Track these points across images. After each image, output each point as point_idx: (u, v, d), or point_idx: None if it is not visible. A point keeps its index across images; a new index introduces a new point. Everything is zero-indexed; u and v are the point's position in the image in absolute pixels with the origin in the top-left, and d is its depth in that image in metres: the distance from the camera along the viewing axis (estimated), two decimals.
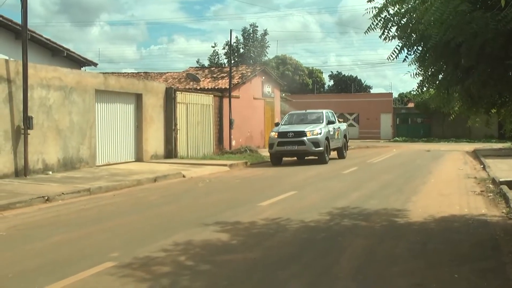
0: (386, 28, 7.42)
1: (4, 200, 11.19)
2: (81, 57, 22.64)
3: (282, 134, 21.63)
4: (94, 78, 18.39)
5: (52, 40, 20.81)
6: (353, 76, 75.09)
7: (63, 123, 16.55)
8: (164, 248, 7.11)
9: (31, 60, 15.46)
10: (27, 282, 5.82)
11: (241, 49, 58.99)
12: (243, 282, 5.77)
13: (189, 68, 37.94)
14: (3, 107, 14.39)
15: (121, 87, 19.59)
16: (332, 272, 6.10)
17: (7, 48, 18.52)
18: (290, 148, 21.30)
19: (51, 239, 8.01)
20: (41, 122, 15.66)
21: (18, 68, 14.82)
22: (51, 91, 16.14)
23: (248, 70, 34.09)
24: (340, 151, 24.58)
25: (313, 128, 21.60)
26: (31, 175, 14.99)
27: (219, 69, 35.74)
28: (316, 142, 21.17)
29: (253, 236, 7.98)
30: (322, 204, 10.89)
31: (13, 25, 18.58)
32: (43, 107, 15.78)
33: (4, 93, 14.43)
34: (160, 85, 22.89)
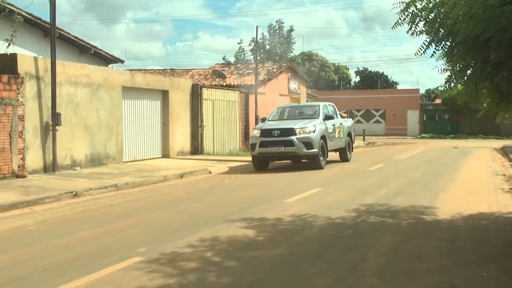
0: (414, 23, 7.34)
1: (33, 195, 11.36)
2: (108, 54, 22.83)
3: (266, 133, 17.67)
4: (121, 75, 18.53)
5: (79, 37, 21.04)
6: (380, 72, 74.60)
7: (91, 120, 16.72)
8: (191, 244, 7.15)
9: (59, 58, 15.66)
10: (56, 275, 5.89)
11: (267, 46, 58.99)
12: (269, 278, 5.77)
13: (215, 64, 38.02)
14: (32, 104, 14.58)
15: (148, 83, 19.72)
16: (358, 269, 6.07)
17: (36, 46, 18.76)
18: (275, 150, 17.28)
19: (79, 234, 8.11)
20: (69, 118, 15.85)
21: (46, 66, 15.01)
22: (79, 88, 16.32)
23: (274, 67, 34.06)
24: (342, 152, 20.85)
25: (304, 125, 17.80)
26: (59, 170, 15.18)
27: (245, 66, 35.75)
28: (308, 142, 17.35)
29: (279, 232, 7.97)
30: (348, 200, 10.84)
31: (42, 23, 18.82)
32: (71, 103, 15.96)
33: (33, 90, 14.63)
34: (187, 81, 22.99)
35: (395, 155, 24.72)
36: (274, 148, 17.30)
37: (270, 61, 42.67)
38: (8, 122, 13.71)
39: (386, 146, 34.02)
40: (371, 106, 55.30)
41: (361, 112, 56.16)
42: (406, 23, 7.37)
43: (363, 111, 56.10)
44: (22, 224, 9.06)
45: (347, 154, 20.99)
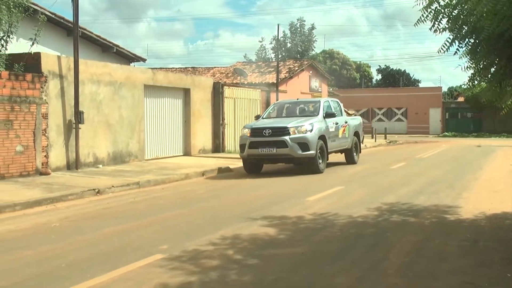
0: (437, 20, 7.29)
1: (56, 192, 11.48)
2: (130, 53, 23.00)
3: (256, 132, 15.80)
4: (142, 73, 18.64)
5: (102, 36, 21.23)
6: (401, 70, 74.09)
7: (113, 118, 16.85)
8: (212, 241, 7.17)
9: (82, 56, 15.79)
10: (79, 272, 5.95)
11: (288, 44, 58.88)
12: (291, 276, 5.76)
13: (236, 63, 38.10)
14: (55, 102, 14.73)
15: (169, 82, 19.81)
16: (380, 268, 6.04)
17: (59, 45, 18.96)
18: (266, 152, 15.42)
19: (102, 231, 8.18)
20: (92, 116, 15.98)
21: (69, 64, 15.15)
22: (101, 86, 16.44)
23: (295, 65, 34.03)
24: (348, 154, 18.88)
25: (300, 123, 15.79)
26: (82, 168, 15.32)
27: (266, 64, 35.78)
28: (304, 143, 15.38)
29: (301, 230, 7.96)
30: (370, 199, 10.79)
31: (65, 22, 19.02)
32: (93, 102, 16.09)
33: (56, 89, 14.78)
34: (208, 80, 23.05)
35: (417, 154, 24.54)
36: (265, 149, 15.43)
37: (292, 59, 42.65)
38: (32, 120, 13.86)
39: (408, 145, 33.78)
40: (393, 104, 54.94)
41: (383, 110, 55.83)
42: (429, 20, 7.32)
43: (385, 109, 55.77)
44: (46, 220, 9.16)
45: (354, 156, 18.98)
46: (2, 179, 12.93)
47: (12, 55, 14.01)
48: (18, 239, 7.79)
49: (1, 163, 13.04)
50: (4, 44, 13.87)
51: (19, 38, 14.61)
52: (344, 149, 18.50)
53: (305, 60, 40.12)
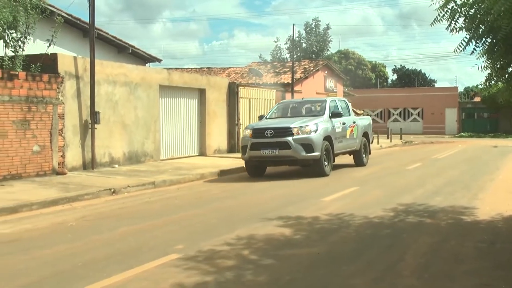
0: (453, 20, 7.24)
1: (73, 191, 11.57)
2: (145, 53, 23.11)
3: (258, 133, 15.11)
4: (158, 74, 18.71)
5: (117, 37, 21.35)
6: (417, 70, 73.69)
7: (129, 118, 16.93)
8: (228, 241, 7.18)
9: (98, 57, 15.90)
10: (95, 270, 5.99)
11: (304, 44, 58.80)
12: (307, 277, 5.76)
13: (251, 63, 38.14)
14: (71, 103, 14.83)
15: (185, 82, 19.86)
16: (396, 269, 6.01)
17: (75, 45, 19.10)
18: (269, 153, 14.71)
19: (118, 230, 8.23)
20: (108, 117, 16.07)
21: (85, 65, 15.25)
22: (117, 86, 16.53)
23: (310, 65, 33.99)
24: (357, 155, 18.10)
25: (303, 124, 15.10)
26: (98, 168, 15.41)
27: (281, 64, 35.78)
28: (308, 144, 14.68)
29: (316, 231, 7.95)
30: (386, 200, 10.74)
31: (81, 23, 19.16)
32: (109, 102, 16.18)
33: (72, 89, 14.88)
34: (223, 80, 23.09)
35: (433, 154, 24.39)
36: (267, 151, 14.70)
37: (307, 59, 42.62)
38: (48, 120, 13.97)
39: (423, 145, 33.59)
40: (409, 104, 54.64)
41: (398, 110, 55.56)
42: (445, 19, 7.28)
43: (400, 110, 55.49)
44: (63, 220, 9.24)
45: (363, 157, 18.22)
46: (20, 179, 13.05)
47: (29, 56, 14.14)
48: (36, 238, 7.86)
49: (18, 162, 13.16)
50: (21, 45, 14.01)
51: (36, 39, 14.76)
52: (352, 150, 17.82)
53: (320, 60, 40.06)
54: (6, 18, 13.33)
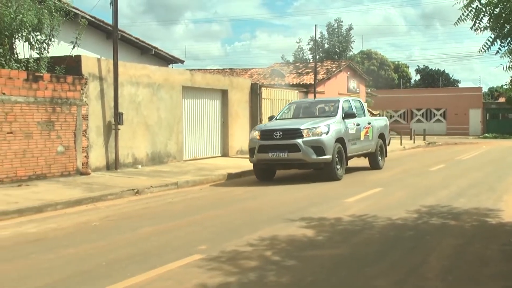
0: (477, 19, 7.17)
1: (97, 192, 11.67)
2: (168, 54, 23.23)
3: (266, 134, 14.45)
4: (181, 75, 18.79)
5: (140, 39, 21.51)
6: (440, 70, 73.06)
7: (152, 119, 17.03)
8: (250, 242, 7.19)
9: (121, 59, 16.02)
10: (119, 270, 6.04)
11: (326, 44, 58.60)
12: (330, 278, 5.74)
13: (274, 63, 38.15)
14: (95, 104, 14.97)
15: (207, 83, 19.93)
16: (420, 271, 5.96)
17: (99, 47, 19.27)
18: (277, 156, 14.04)
19: (141, 230, 8.28)
20: (131, 118, 16.19)
21: (109, 67, 15.38)
22: (140, 88, 16.64)
23: (333, 66, 33.90)
24: (372, 158, 17.42)
25: (314, 125, 14.37)
26: (121, 168, 15.53)
27: (304, 65, 35.73)
28: (319, 147, 13.97)
29: (339, 232, 7.92)
30: (409, 201, 10.67)
31: (104, 25, 19.34)
32: (132, 103, 16.29)
33: (96, 91, 15.01)
34: (246, 81, 23.13)
35: (457, 155, 24.16)
36: (276, 153, 14.06)
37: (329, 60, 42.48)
38: (72, 122, 14.12)
39: (447, 146, 33.29)
40: (432, 105, 54.23)
41: (422, 111, 55.17)
42: (470, 19, 7.21)
43: (424, 110, 55.09)
44: (87, 219, 9.33)
45: (378, 160, 17.53)
46: (44, 179, 13.20)
47: (54, 58, 14.29)
48: (60, 238, 7.95)
49: (43, 163, 13.32)
50: (46, 47, 14.17)
51: (60, 41, 14.92)
52: (368, 153, 17.15)
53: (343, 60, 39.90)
54: (31, 20, 13.50)
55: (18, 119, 12.74)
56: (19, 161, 12.75)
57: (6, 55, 13.28)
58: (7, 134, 12.49)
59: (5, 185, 12.21)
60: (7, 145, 12.47)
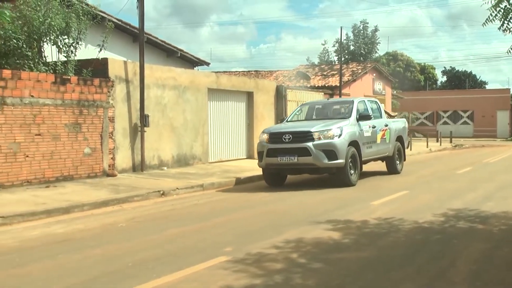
0: (506, 19, 7.08)
1: (123, 193, 11.77)
2: (194, 57, 23.35)
3: (274, 137, 13.75)
4: (206, 77, 18.87)
5: (166, 41, 21.65)
6: (467, 71, 72.24)
7: (177, 121, 17.12)
8: (276, 245, 7.18)
9: (147, 61, 16.15)
10: (145, 271, 6.09)
11: (351, 46, 58.38)
12: (356, 281, 5.71)
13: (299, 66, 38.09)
14: (121, 106, 15.10)
15: (233, 85, 19.98)
16: (447, 276, 5.89)
17: (125, 50, 19.45)
18: (286, 161, 13.34)
19: (167, 232, 8.33)
20: (157, 120, 16.29)
21: (135, 69, 15.51)
22: (166, 90, 16.75)
23: (358, 68, 33.77)
24: (390, 162, 16.56)
25: (326, 127, 13.63)
26: (147, 170, 15.64)
27: (329, 67, 35.65)
28: (331, 151, 13.24)
29: (365, 235, 7.88)
30: (436, 204, 10.56)
31: (131, 28, 19.51)
32: (158, 105, 16.40)
33: (122, 93, 15.15)
34: (271, 83, 23.14)
35: (484, 158, 23.87)
36: (285, 158, 13.33)
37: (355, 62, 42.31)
38: (99, 124, 14.26)
39: (474, 149, 32.91)
40: (459, 107, 53.67)
41: (448, 113, 54.64)
42: (498, 19, 7.13)
43: (450, 112, 54.55)
44: (113, 221, 9.42)
45: (396, 164, 16.65)
46: (71, 180, 13.35)
47: (81, 61, 14.45)
48: (87, 238, 8.04)
49: (70, 164, 13.47)
50: (74, 50, 14.33)
51: (87, 45, 15.09)
52: (384, 156, 16.26)
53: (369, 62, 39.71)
54: (59, 24, 13.69)
55: (46, 121, 12.91)
56: (47, 162, 12.92)
57: (34, 59, 13.48)
58: (36, 136, 12.66)
59: (33, 186, 12.39)
60: (35, 147, 12.64)
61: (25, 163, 12.42)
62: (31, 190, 11.84)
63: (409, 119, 54.85)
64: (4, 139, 11.99)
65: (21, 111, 12.36)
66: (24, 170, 12.39)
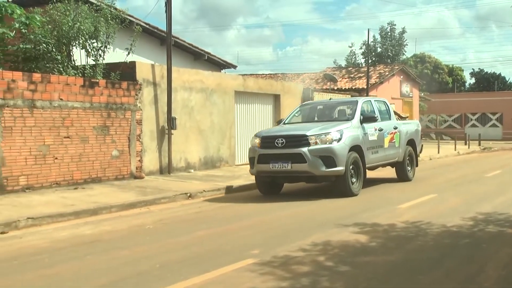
0: None
1: (150, 195, 11.86)
2: (221, 60, 23.44)
3: (267, 142, 12.41)
4: (233, 80, 18.93)
5: (193, 44, 21.78)
6: (496, 73, 71.24)
7: (204, 124, 17.20)
8: (303, 247, 7.16)
9: (174, 64, 16.25)
10: (173, 272, 6.12)
11: (379, 48, 58.05)
12: (383, 285, 5.67)
13: (326, 68, 38.01)
14: (149, 109, 15.22)
15: (260, 88, 20.00)
16: (476, 281, 5.81)
17: (153, 53, 19.61)
18: (279, 168, 11.97)
19: (194, 234, 8.37)
20: (184, 122, 16.39)
21: (163, 72, 15.62)
22: (193, 93, 16.84)
23: (386, 70, 33.57)
24: (400, 168, 15.12)
25: (324, 130, 12.20)
26: (174, 172, 15.73)
27: (356, 69, 35.51)
28: (329, 157, 11.86)
29: (393, 238, 7.82)
30: (464, 208, 10.43)
31: (158, 32, 19.68)
32: (185, 108, 16.50)
33: (150, 96, 15.27)
34: (298, 85, 23.12)
35: None
36: (278, 164, 11.96)
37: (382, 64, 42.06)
38: (127, 126, 14.39)
39: (503, 152, 32.44)
40: (487, 109, 52.96)
41: (477, 115, 53.97)
42: None
43: (479, 115, 53.87)
44: (141, 222, 9.49)
45: (407, 170, 15.21)
46: (99, 182, 13.49)
47: (109, 64, 14.62)
48: (115, 240, 8.12)
49: (98, 167, 13.61)
50: (102, 54, 14.51)
51: (115, 48, 15.28)
52: (393, 162, 14.85)
53: (396, 64, 39.42)
54: (88, 28, 13.87)
55: (75, 124, 13.07)
56: (76, 164, 13.07)
57: (63, 62, 13.67)
58: (64, 138, 12.83)
59: (62, 187, 12.55)
60: (64, 149, 12.81)
61: (54, 165, 12.59)
62: (60, 192, 12.00)
63: (437, 121, 54.33)
64: (34, 141, 12.17)
65: (50, 114, 12.53)
66: (53, 172, 12.56)
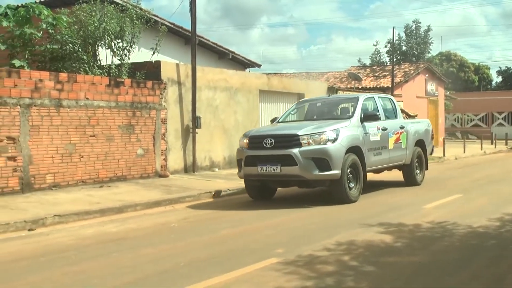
0: None
1: (175, 194, 11.92)
2: (245, 59, 23.46)
3: (255, 142, 11.27)
4: (257, 79, 18.94)
5: (218, 43, 21.82)
6: None
7: (229, 123, 17.24)
8: (327, 247, 7.14)
9: (199, 63, 16.31)
10: (197, 271, 6.15)
11: (404, 47, 57.63)
12: (408, 285, 5.63)
13: (350, 67, 37.84)
14: (174, 108, 15.30)
15: (284, 87, 19.98)
16: (504, 283, 5.74)
17: (177, 53, 19.69)
18: (267, 171, 10.85)
19: (219, 233, 8.40)
20: (208, 121, 16.44)
21: (187, 71, 15.69)
22: (217, 92, 16.88)
23: (411, 68, 33.29)
24: (407, 170, 13.87)
25: (318, 129, 11.03)
26: (198, 171, 15.80)
27: (381, 68, 35.27)
28: (322, 159, 10.68)
29: (418, 239, 7.75)
30: (491, 208, 10.30)
31: (183, 31, 19.75)
32: (210, 107, 16.55)
33: (175, 95, 15.34)
34: (322, 84, 23.05)
35: None
36: (266, 167, 10.83)
37: (407, 62, 41.74)
38: (152, 125, 14.48)
39: None
40: None
41: (504, 114, 53.20)
42: None
43: (506, 114, 53.10)
44: (165, 220, 9.55)
45: (415, 174, 14.01)
46: (124, 181, 13.60)
47: (134, 64, 14.74)
48: (140, 238, 8.18)
49: (124, 165, 13.72)
50: (127, 53, 14.62)
51: (140, 48, 15.39)
52: (400, 165, 13.68)
53: (421, 63, 39.08)
54: (113, 28, 13.99)
55: (100, 122, 13.19)
56: (101, 163, 13.19)
57: (89, 62, 13.81)
58: (90, 137, 12.96)
59: (88, 185, 12.68)
60: (90, 148, 12.93)
61: (80, 164, 12.72)
62: (85, 190, 12.12)
63: (463, 120, 53.72)
64: (61, 140, 12.31)
65: (76, 113, 12.67)
66: (79, 170, 12.69)
